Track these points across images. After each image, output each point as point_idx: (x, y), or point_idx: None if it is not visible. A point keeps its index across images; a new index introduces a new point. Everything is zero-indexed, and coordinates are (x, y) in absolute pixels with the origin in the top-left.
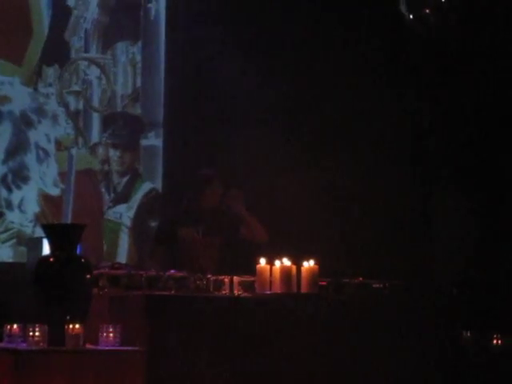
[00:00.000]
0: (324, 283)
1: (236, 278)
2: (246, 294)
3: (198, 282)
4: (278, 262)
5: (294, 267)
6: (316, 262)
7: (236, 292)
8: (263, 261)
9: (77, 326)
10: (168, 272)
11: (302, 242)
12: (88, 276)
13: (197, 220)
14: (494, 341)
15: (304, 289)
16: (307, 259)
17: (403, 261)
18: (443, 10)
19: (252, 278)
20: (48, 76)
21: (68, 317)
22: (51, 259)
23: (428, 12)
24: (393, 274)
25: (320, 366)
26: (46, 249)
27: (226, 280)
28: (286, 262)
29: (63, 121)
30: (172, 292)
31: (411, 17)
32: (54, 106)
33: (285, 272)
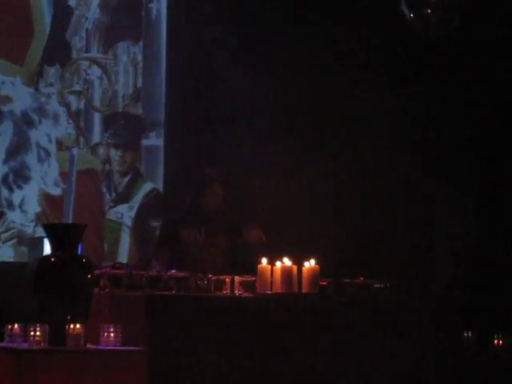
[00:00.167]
0: (325, 283)
1: (237, 278)
2: (247, 294)
3: (199, 282)
4: (279, 262)
5: (295, 267)
6: (317, 262)
7: (237, 292)
8: (264, 261)
9: (78, 326)
10: (169, 272)
11: (303, 242)
12: (89, 276)
13: (199, 221)
14: (495, 341)
15: (305, 289)
16: (308, 259)
17: (404, 261)
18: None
19: (253, 278)
20: (49, 76)
21: (69, 317)
22: (52, 259)
23: (429, 11)
24: (393, 275)
25: (321, 366)
26: (47, 249)
27: (227, 280)
28: (287, 262)
29: (64, 121)
30: (173, 292)
31: (412, 16)
32: (55, 106)
33: (286, 272)
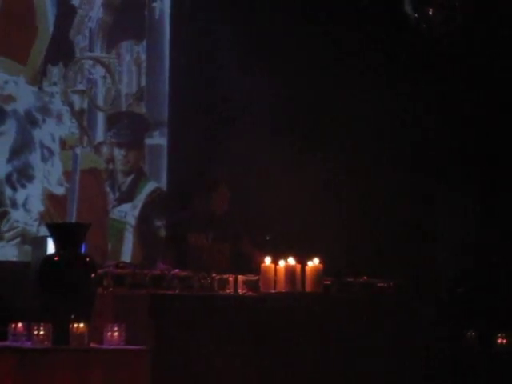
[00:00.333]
0: (328, 282)
1: (240, 277)
2: (251, 293)
3: (203, 281)
4: (283, 261)
5: (299, 266)
6: (320, 261)
7: (240, 291)
8: (268, 260)
9: (81, 325)
10: (172, 271)
11: (307, 242)
12: (92, 275)
13: (207, 225)
14: (499, 340)
15: (308, 288)
16: (311, 258)
17: (407, 260)
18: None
19: (256, 277)
20: (53, 75)
21: (72, 316)
22: (56, 258)
23: (432, 11)
24: (397, 274)
25: (324, 364)
26: (51, 248)
27: (231, 279)
28: (291, 261)
29: (68, 120)
30: (176, 291)
31: (415, 15)
32: (59, 105)
33: (289, 271)
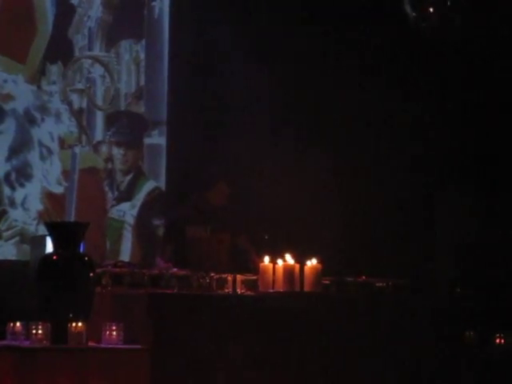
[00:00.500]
0: (327, 282)
1: (239, 277)
2: (249, 293)
3: (201, 281)
4: (281, 261)
5: (297, 266)
6: (319, 261)
7: (239, 290)
8: (266, 259)
9: (80, 324)
10: (171, 270)
11: (305, 241)
12: (91, 274)
13: (205, 218)
14: (497, 340)
15: (307, 287)
16: (310, 258)
17: (406, 260)
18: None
19: (255, 277)
20: (52, 74)
21: (71, 315)
22: (54, 257)
23: (431, 11)
24: (396, 273)
25: (323, 364)
26: (50, 247)
27: (229, 278)
28: (290, 261)
29: (67, 119)
30: (175, 290)
31: (414, 15)
32: (58, 104)
33: (288, 270)
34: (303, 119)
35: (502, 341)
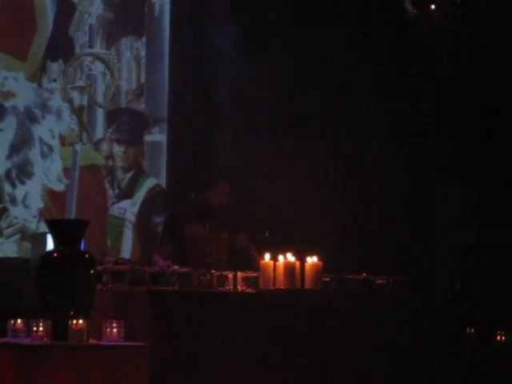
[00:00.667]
0: (328, 279)
1: (240, 274)
2: (250, 290)
3: (202, 278)
4: (282, 258)
5: (298, 263)
6: (320, 258)
7: (240, 287)
8: (267, 256)
9: (80, 322)
10: (172, 267)
11: (306, 238)
12: (92, 271)
13: (204, 217)
14: (498, 337)
15: (308, 284)
16: (311, 255)
17: (406, 257)
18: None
19: (256, 274)
20: (52, 71)
21: (72, 312)
22: (55, 254)
23: (432, 8)
24: (396, 270)
25: (323, 361)
26: (50, 244)
27: (230, 275)
28: (290, 258)
29: (67, 116)
30: (176, 287)
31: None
32: (58, 102)
33: (289, 268)
34: (303, 118)
35: (503, 338)
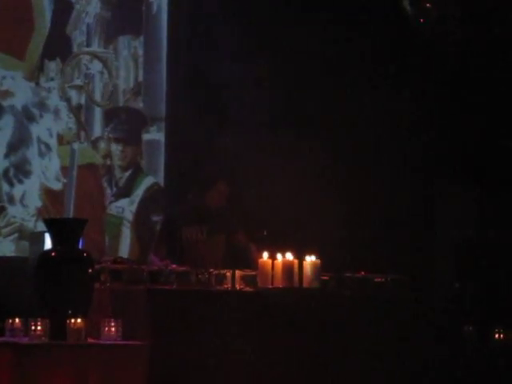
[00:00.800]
0: (326, 278)
1: (238, 272)
2: (248, 289)
3: (200, 276)
4: (280, 256)
5: (296, 261)
6: (318, 257)
7: (238, 286)
8: (265, 255)
9: (78, 321)
10: (170, 266)
11: (304, 237)
12: (90, 270)
13: (201, 219)
14: (496, 335)
15: (306, 283)
16: (309, 253)
17: (405, 255)
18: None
19: (254, 273)
20: (50, 70)
21: (70, 311)
22: (53, 254)
23: (429, 6)
24: (395, 269)
25: (322, 360)
26: (48, 243)
27: (228, 274)
28: (289, 257)
29: (65, 115)
30: (174, 286)
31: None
32: (56, 101)
33: (287, 266)
34: (303, 118)
35: (501, 336)
